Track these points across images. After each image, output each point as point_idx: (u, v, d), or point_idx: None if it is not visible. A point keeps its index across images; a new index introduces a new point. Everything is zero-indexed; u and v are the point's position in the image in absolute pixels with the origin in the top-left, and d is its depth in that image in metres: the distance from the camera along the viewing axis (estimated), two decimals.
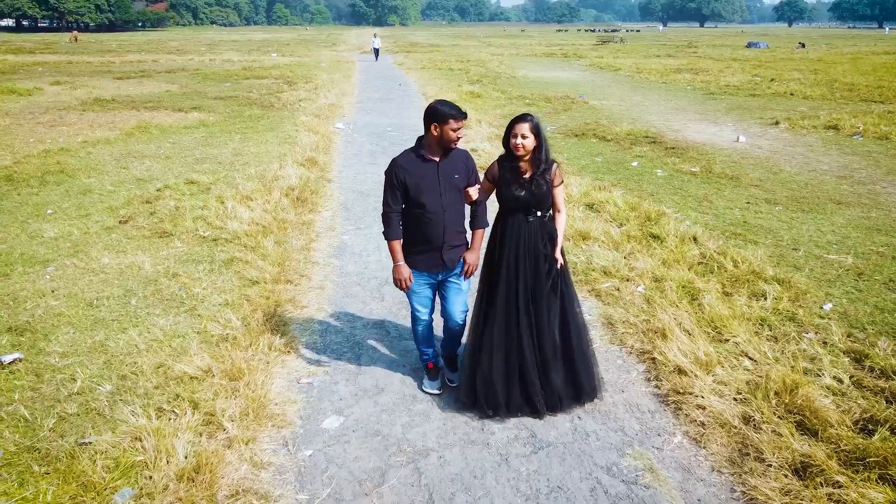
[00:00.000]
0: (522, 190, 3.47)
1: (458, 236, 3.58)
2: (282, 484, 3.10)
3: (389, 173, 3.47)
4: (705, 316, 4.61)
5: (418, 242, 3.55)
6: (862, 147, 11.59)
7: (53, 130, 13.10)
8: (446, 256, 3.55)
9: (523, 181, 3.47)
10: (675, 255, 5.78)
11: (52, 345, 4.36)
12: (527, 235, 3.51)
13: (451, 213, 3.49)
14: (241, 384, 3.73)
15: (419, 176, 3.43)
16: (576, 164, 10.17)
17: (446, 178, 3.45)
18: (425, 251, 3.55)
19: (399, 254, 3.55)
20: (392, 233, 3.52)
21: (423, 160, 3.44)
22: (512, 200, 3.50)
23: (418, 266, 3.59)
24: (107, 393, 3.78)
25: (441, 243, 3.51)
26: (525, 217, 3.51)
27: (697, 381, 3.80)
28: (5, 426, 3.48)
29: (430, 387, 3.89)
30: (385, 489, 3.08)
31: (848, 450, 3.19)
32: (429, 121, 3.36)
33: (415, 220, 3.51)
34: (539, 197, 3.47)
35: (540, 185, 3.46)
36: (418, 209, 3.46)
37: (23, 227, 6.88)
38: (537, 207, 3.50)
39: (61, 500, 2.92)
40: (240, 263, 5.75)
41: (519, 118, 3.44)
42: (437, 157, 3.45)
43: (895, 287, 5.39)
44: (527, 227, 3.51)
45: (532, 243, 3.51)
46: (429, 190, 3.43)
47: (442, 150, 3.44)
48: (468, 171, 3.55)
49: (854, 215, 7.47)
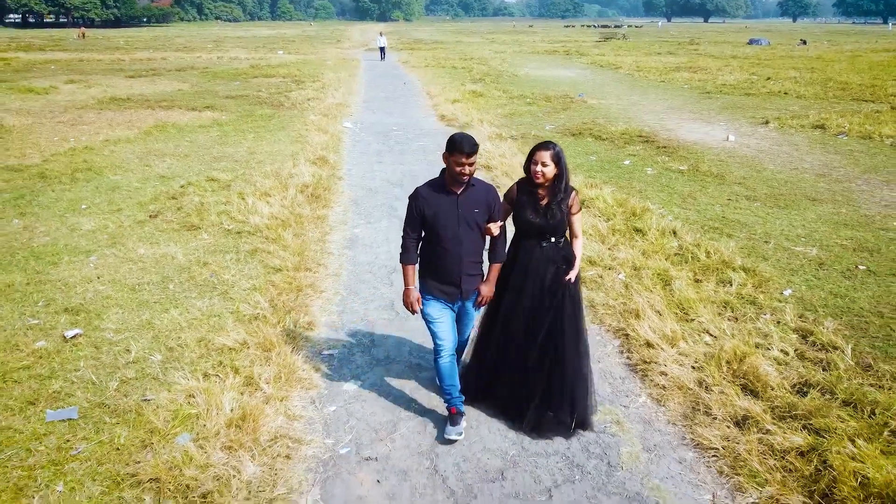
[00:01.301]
0: (538, 217, 3.50)
1: (474, 267, 3.59)
2: (311, 431, 3.76)
3: (410, 202, 3.55)
4: (675, 299, 5.25)
5: (436, 271, 3.58)
6: (845, 146, 12.17)
7: (75, 129, 13.76)
8: (464, 287, 3.58)
9: (539, 208, 3.49)
10: (654, 246, 6.42)
11: (105, 322, 5.02)
12: (537, 259, 3.56)
13: (467, 246, 3.49)
14: (273, 354, 4.39)
15: (438, 207, 3.45)
16: (571, 162, 10.68)
17: (465, 211, 3.45)
18: (443, 280, 3.58)
19: (410, 278, 3.61)
20: (408, 258, 3.60)
21: (444, 192, 3.47)
22: (527, 225, 3.54)
23: (435, 293, 3.61)
24: (158, 362, 4.44)
25: (458, 274, 3.53)
26: (539, 242, 3.55)
27: (662, 352, 4.44)
28: (77, 388, 4.15)
29: (451, 433, 3.66)
30: (396, 436, 3.74)
31: (781, 406, 3.83)
32: (445, 149, 3.41)
33: (432, 250, 3.55)
34: (554, 224, 3.49)
35: (555, 214, 3.47)
36: (435, 239, 3.50)
37: (62, 221, 7.54)
38: (552, 234, 3.53)
39: (132, 443, 3.58)
40: (263, 253, 6.41)
41: (541, 146, 3.46)
42: (458, 190, 3.47)
43: (850, 276, 6.01)
44: (539, 251, 3.55)
45: (542, 267, 3.55)
46: (446, 222, 3.45)
47: (456, 182, 3.44)
48: (489, 206, 3.52)
49: (825, 211, 8.08)
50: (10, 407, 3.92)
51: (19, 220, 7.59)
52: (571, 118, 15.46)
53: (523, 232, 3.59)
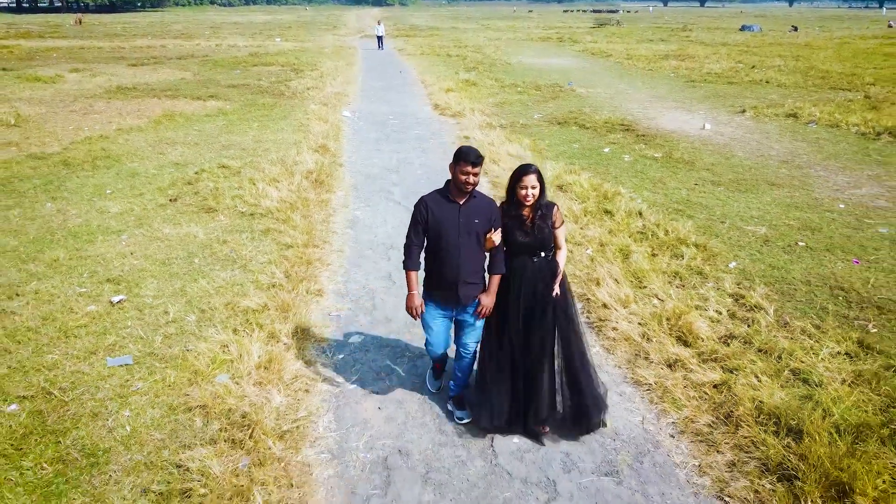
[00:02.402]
0: (527, 237, 3.70)
1: (473, 275, 3.75)
2: (325, 373, 4.63)
3: (415, 209, 3.73)
4: (632, 270, 6.12)
5: (436, 277, 3.79)
6: (813, 134, 13.01)
7: (87, 118, 14.49)
8: (461, 292, 3.72)
9: (526, 228, 3.70)
10: (620, 226, 7.28)
11: (144, 290, 5.87)
12: (530, 274, 3.74)
13: (466, 253, 3.66)
14: (290, 314, 5.25)
15: (441, 215, 3.65)
16: (555, 150, 11.61)
17: (466, 220, 3.64)
18: (442, 286, 3.77)
19: (413, 283, 3.78)
20: (411, 264, 3.76)
21: (447, 201, 3.67)
22: (518, 245, 3.73)
23: (434, 299, 3.83)
24: (193, 321, 5.30)
25: (456, 280, 3.69)
26: (531, 258, 3.75)
27: (616, 312, 5.31)
28: (128, 341, 5.00)
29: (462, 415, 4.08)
30: (394, 376, 4.62)
31: (706, 352, 4.72)
32: (452, 160, 3.61)
33: (434, 256, 3.75)
34: (542, 240, 3.71)
35: (542, 230, 3.69)
36: (437, 245, 3.70)
37: (91, 205, 8.35)
38: (541, 249, 3.74)
39: (180, 381, 4.45)
40: (275, 233, 7.25)
41: (525, 170, 3.65)
42: (461, 200, 3.66)
43: (790, 251, 6.88)
44: (532, 266, 3.75)
45: (534, 281, 3.74)
46: (448, 229, 3.64)
47: (460, 191, 3.64)
48: (490, 219, 3.70)
49: (781, 195, 8.94)
50: (76, 356, 4.77)
51: (52, 203, 8.39)
52: (559, 107, 16.24)
53: (515, 251, 3.77)
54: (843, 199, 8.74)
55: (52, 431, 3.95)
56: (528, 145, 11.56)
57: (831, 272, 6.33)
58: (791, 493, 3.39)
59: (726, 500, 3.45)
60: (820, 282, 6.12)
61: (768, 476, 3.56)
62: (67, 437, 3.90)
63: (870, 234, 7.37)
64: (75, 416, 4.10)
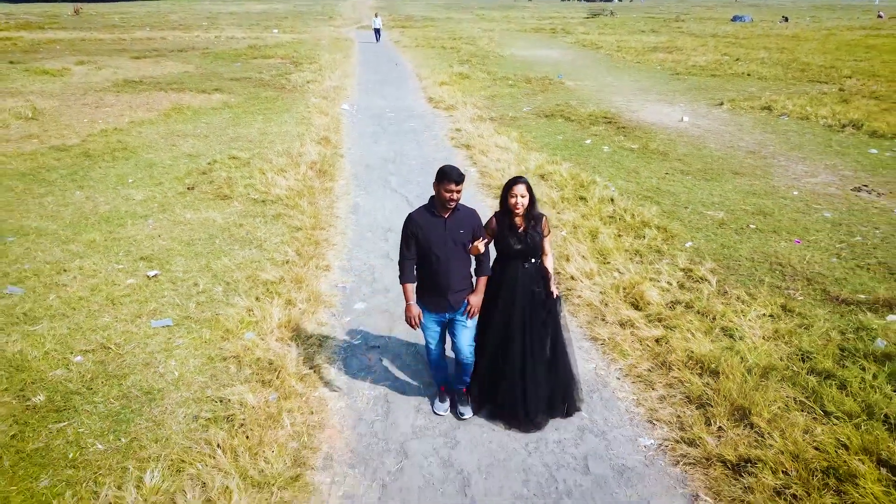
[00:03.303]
0: (520, 243, 4.01)
1: (462, 282, 4.04)
2: (334, 332, 5.54)
3: (405, 226, 3.99)
4: (598, 248, 7.03)
5: (428, 287, 4.05)
6: (783, 126, 13.90)
7: (99, 111, 15.29)
8: (452, 299, 4.01)
9: (519, 235, 4.02)
10: (592, 211, 8.18)
11: (174, 267, 6.75)
12: (523, 279, 4.07)
13: (454, 263, 3.95)
14: (303, 285, 6.15)
15: (428, 230, 3.92)
16: (540, 141, 12.49)
17: (452, 232, 3.92)
18: (434, 294, 4.03)
19: (411, 295, 4.05)
20: (406, 277, 4.03)
21: (433, 216, 3.94)
22: (511, 251, 4.03)
23: (428, 307, 4.09)
24: (220, 291, 6.19)
25: (447, 288, 3.97)
26: (522, 264, 4.07)
27: (581, 283, 6.23)
28: (166, 308, 5.89)
29: (439, 409, 4.45)
30: (392, 335, 5.52)
31: (653, 315, 5.64)
32: (435, 179, 3.88)
33: (425, 268, 4.00)
34: (534, 247, 4.03)
35: (534, 238, 4.01)
36: (427, 258, 3.95)
37: (116, 192, 9.21)
38: (532, 255, 4.07)
39: (214, 337, 5.35)
40: (285, 217, 8.13)
41: (515, 181, 3.97)
42: (445, 214, 3.93)
43: (741, 232, 7.80)
44: (523, 271, 4.07)
45: (529, 286, 4.08)
46: (436, 242, 3.91)
47: (444, 207, 3.90)
48: (473, 228, 3.99)
49: (742, 183, 9.84)
50: (124, 319, 5.67)
51: (80, 191, 9.25)
52: (547, 100, 17.09)
53: (508, 256, 4.07)
54: (797, 186, 9.65)
55: (113, 376, 4.85)
56: (515, 137, 12.43)
57: (774, 251, 7.24)
58: (704, 416, 4.32)
59: (654, 422, 4.38)
60: (762, 258, 7.04)
61: (689, 406, 4.49)
62: (127, 380, 4.80)
63: (815, 218, 8.29)
64: (130, 364, 5.00)
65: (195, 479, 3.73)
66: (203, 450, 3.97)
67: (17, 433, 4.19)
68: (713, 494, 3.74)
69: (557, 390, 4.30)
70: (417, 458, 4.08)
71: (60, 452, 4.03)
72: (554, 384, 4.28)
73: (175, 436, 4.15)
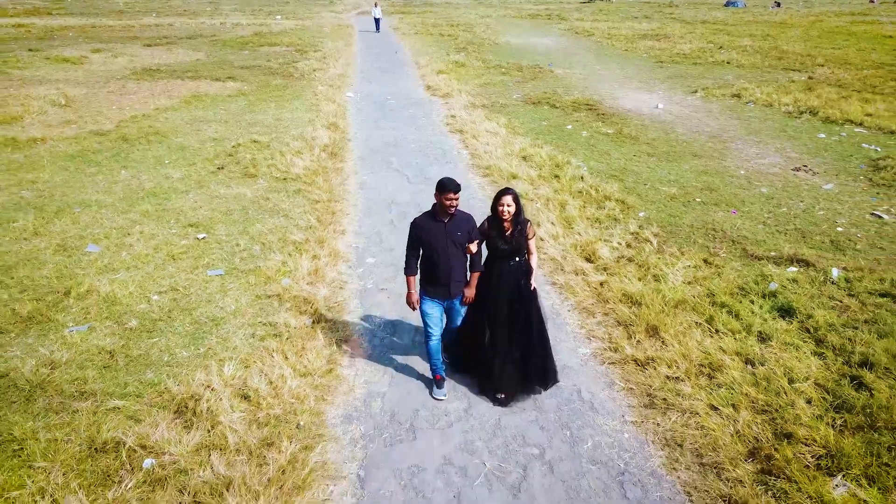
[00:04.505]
0: (507, 244, 4.70)
1: (459, 275, 4.77)
2: (350, 278, 7.08)
3: (411, 230, 4.74)
4: (565, 217, 8.54)
5: (431, 279, 4.79)
6: (747, 113, 15.34)
7: (125, 99, 16.70)
8: (452, 290, 4.81)
9: (507, 237, 4.70)
10: (564, 187, 9.69)
11: (218, 231, 8.27)
12: (509, 274, 4.79)
13: (453, 260, 4.66)
14: (325, 245, 7.68)
15: (430, 232, 4.64)
16: (526, 126, 13.94)
17: (450, 235, 4.62)
18: (436, 285, 4.80)
19: (412, 285, 4.85)
20: (409, 271, 4.85)
21: (434, 220, 4.64)
22: (499, 251, 4.72)
23: (430, 294, 4.84)
24: (258, 250, 7.72)
25: (447, 280, 4.74)
26: (508, 262, 4.77)
27: (547, 243, 7.75)
28: (217, 261, 7.41)
29: (438, 394, 5.09)
30: (396, 280, 7.05)
31: (601, 266, 7.17)
32: (436, 190, 4.56)
33: (428, 263, 4.75)
34: (519, 249, 4.73)
35: (519, 241, 4.70)
36: (430, 255, 4.69)
37: (157, 171, 10.69)
38: (517, 255, 4.76)
39: (258, 282, 6.88)
40: (305, 192, 9.63)
41: (504, 192, 4.65)
42: (445, 219, 4.61)
43: (687, 204, 9.30)
44: (508, 268, 4.78)
45: (514, 280, 4.80)
46: (437, 243, 4.63)
47: (444, 213, 4.58)
48: (469, 232, 4.68)
49: (698, 163, 11.33)
50: (184, 270, 7.19)
51: (125, 171, 10.73)
52: (536, 88, 18.50)
53: (497, 255, 4.76)
54: (746, 167, 11.15)
55: (185, 309, 6.38)
56: (503, 123, 13.89)
57: (712, 219, 8.76)
58: (627, 333, 5.87)
59: (591, 338, 5.93)
60: (701, 225, 8.56)
61: (618, 327, 6.04)
62: (195, 312, 6.34)
63: (753, 193, 9.80)
64: (196, 301, 6.53)
65: (260, 371, 5.28)
66: (262, 354, 5.52)
67: (123, 344, 5.74)
68: (624, 381, 5.30)
69: (535, 369, 5.01)
70: (416, 359, 5.64)
71: (157, 357, 5.58)
72: (532, 364, 4.98)
73: (240, 346, 5.70)
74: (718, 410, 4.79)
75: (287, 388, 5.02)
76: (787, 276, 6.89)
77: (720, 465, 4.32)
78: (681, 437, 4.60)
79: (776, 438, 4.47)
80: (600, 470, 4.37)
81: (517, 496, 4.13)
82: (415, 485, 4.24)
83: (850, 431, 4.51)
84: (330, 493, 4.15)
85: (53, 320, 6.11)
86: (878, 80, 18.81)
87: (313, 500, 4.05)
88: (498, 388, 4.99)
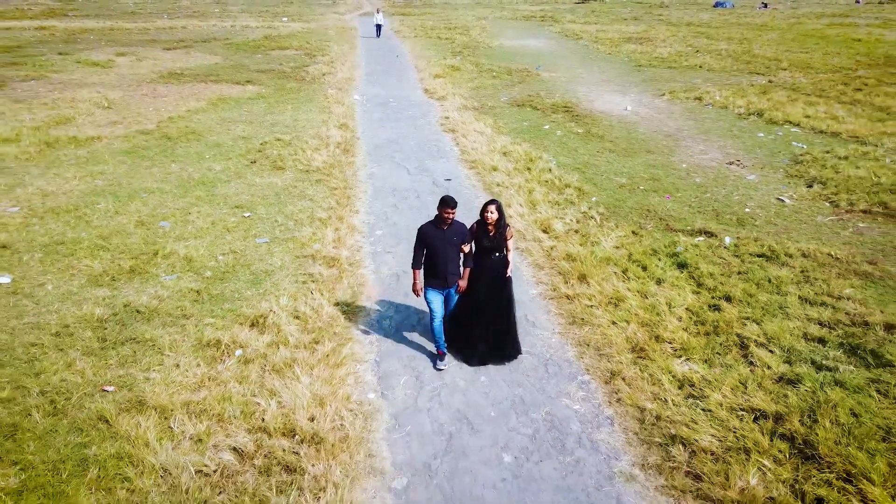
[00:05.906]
0: (490, 242, 6.13)
1: (455, 270, 6.13)
2: (365, 243, 9.39)
3: (418, 234, 6.08)
4: (531, 200, 10.84)
5: (433, 273, 6.12)
6: (704, 114, 17.59)
7: (158, 101, 18.97)
8: (449, 281, 6.13)
9: (491, 237, 6.13)
10: (533, 177, 11.98)
11: (258, 211, 10.56)
12: (490, 266, 6.22)
13: (450, 258, 6.05)
14: (343, 221, 9.99)
15: (433, 237, 6.01)
16: (509, 126, 16.23)
17: (449, 239, 6.00)
18: (436, 277, 6.13)
19: (417, 276, 6.15)
20: (415, 265, 6.13)
21: (436, 228, 6.02)
22: (483, 248, 6.15)
23: (433, 285, 6.17)
24: (293, 225, 10.01)
25: (445, 274, 6.08)
26: (490, 256, 6.19)
27: (514, 220, 10.05)
28: (262, 232, 9.70)
29: (440, 365, 6.39)
30: (401, 245, 9.35)
31: (555, 236, 9.48)
32: (439, 204, 5.96)
33: (431, 261, 6.07)
34: (499, 245, 6.15)
35: (499, 240, 6.14)
36: (432, 255, 6.04)
37: (200, 165, 12.98)
38: (497, 251, 6.18)
39: (294, 247, 9.18)
40: (324, 181, 11.93)
41: (490, 203, 6.08)
42: (445, 227, 5.99)
43: (632, 191, 11.58)
44: (491, 261, 6.21)
45: (495, 271, 6.24)
46: (438, 245, 6.00)
47: (444, 222, 5.96)
48: (463, 237, 6.08)
49: (650, 158, 13.61)
50: (238, 239, 9.48)
51: (175, 164, 13.02)
52: (522, 90, 20.77)
53: (482, 251, 6.21)
54: (689, 161, 13.43)
55: (243, 265, 8.67)
56: (490, 124, 16.18)
57: (650, 203, 11.05)
58: (564, 280, 8.17)
59: (538, 283, 8.24)
60: (639, 206, 10.85)
61: (559, 276, 8.34)
62: (251, 267, 8.63)
63: (688, 183, 12.08)
64: (250, 260, 8.82)
65: (304, 302, 7.58)
66: (305, 292, 7.82)
67: (205, 287, 8.04)
68: (557, 308, 7.62)
69: (509, 343, 6.55)
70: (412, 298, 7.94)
71: (230, 294, 7.89)
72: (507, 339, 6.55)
73: (288, 287, 8.01)
74: (616, 324, 7.11)
75: (325, 312, 7.33)
76: (692, 244, 9.20)
77: (611, 355, 6.63)
78: (588, 339, 6.93)
79: (650, 339, 6.78)
80: (534, 359, 6.69)
81: (478, 370, 6.45)
82: (413, 366, 6.55)
83: (701, 336, 6.83)
84: (357, 369, 6.47)
85: (150, 272, 8.41)
86: (829, 83, 21.02)
87: (347, 372, 6.36)
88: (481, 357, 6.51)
